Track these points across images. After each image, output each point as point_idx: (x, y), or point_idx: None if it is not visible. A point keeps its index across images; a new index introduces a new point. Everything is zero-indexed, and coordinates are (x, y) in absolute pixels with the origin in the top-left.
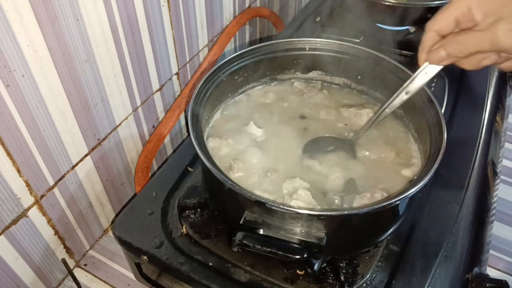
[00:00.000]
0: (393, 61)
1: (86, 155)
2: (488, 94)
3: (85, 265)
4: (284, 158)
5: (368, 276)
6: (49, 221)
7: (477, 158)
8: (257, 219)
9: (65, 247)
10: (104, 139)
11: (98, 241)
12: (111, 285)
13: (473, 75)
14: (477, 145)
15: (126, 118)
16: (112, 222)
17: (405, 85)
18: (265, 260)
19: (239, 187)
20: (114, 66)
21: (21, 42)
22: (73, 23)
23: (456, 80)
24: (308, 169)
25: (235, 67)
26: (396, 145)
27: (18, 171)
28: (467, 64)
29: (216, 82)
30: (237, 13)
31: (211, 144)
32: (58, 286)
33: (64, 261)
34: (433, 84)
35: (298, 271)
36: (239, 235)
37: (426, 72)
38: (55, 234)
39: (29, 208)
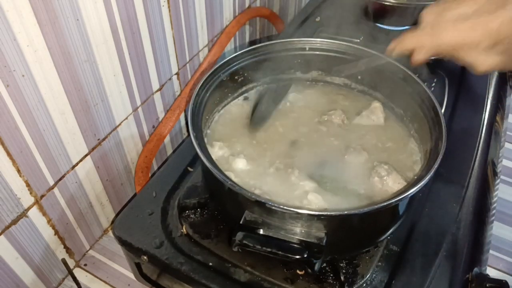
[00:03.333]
0: (393, 61)
1: (86, 155)
2: (488, 94)
3: (85, 265)
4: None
5: (368, 276)
6: (49, 221)
7: (477, 158)
8: (257, 219)
9: (65, 247)
10: (104, 139)
11: (98, 241)
12: (111, 285)
13: (473, 75)
14: (477, 145)
15: (126, 118)
16: (112, 222)
17: None
18: (265, 260)
19: (239, 187)
20: (114, 66)
21: (21, 42)
22: (73, 23)
23: (456, 80)
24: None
25: (235, 67)
26: (396, 146)
27: (18, 171)
28: None
29: (216, 82)
30: (237, 13)
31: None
32: (58, 286)
33: (64, 261)
34: (433, 84)
35: (298, 271)
36: (239, 235)
37: None
38: (55, 234)
39: (29, 208)
